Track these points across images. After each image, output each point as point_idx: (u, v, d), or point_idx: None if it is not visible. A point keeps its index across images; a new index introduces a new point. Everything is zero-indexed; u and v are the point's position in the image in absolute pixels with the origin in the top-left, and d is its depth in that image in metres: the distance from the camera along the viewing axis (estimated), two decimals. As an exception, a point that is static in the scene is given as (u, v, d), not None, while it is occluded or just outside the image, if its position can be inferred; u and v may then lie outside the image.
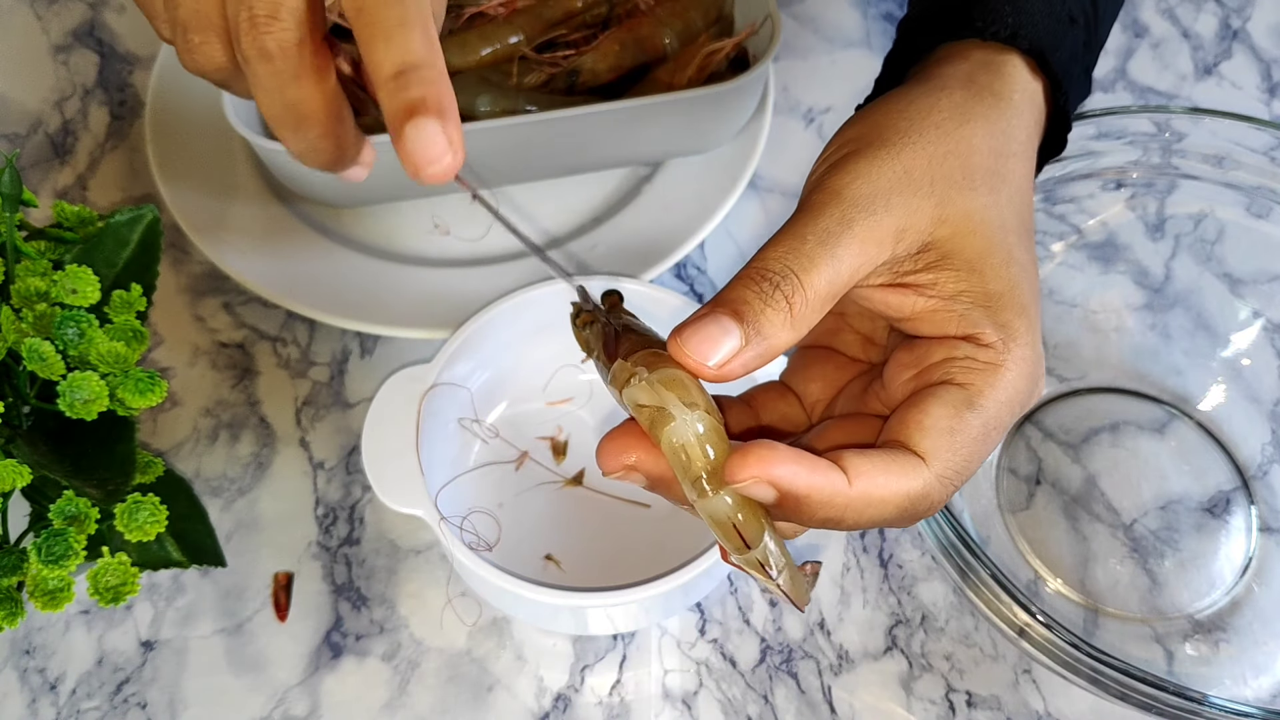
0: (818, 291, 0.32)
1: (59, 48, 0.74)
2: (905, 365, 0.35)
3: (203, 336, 0.63)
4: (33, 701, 0.53)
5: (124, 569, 0.43)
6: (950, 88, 0.38)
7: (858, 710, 0.53)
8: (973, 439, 0.33)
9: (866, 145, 0.35)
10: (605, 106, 0.59)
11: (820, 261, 0.32)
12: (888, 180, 0.34)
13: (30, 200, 0.46)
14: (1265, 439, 0.58)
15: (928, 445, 0.32)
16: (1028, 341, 0.34)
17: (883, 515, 0.32)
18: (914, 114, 0.36)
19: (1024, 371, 0.33)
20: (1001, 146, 0.37)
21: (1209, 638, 0.54)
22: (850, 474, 0.31)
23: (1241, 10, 0.76)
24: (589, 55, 0.64)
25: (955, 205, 0.34)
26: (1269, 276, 0.57)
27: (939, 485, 0.32)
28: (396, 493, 0.49)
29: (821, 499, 0.30)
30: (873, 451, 0.32)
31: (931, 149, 0.35)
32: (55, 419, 0.44)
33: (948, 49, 0.41)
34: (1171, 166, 0.56)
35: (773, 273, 0.32)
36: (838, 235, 0.33)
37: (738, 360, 0.31)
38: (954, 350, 0.34)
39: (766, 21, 0.62)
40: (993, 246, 0.34)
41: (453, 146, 0.29)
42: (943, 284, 0.34)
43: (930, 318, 0.34)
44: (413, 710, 0.53)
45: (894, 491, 0.31)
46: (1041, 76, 0.40)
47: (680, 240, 0.63)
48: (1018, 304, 0.34)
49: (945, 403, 0.33)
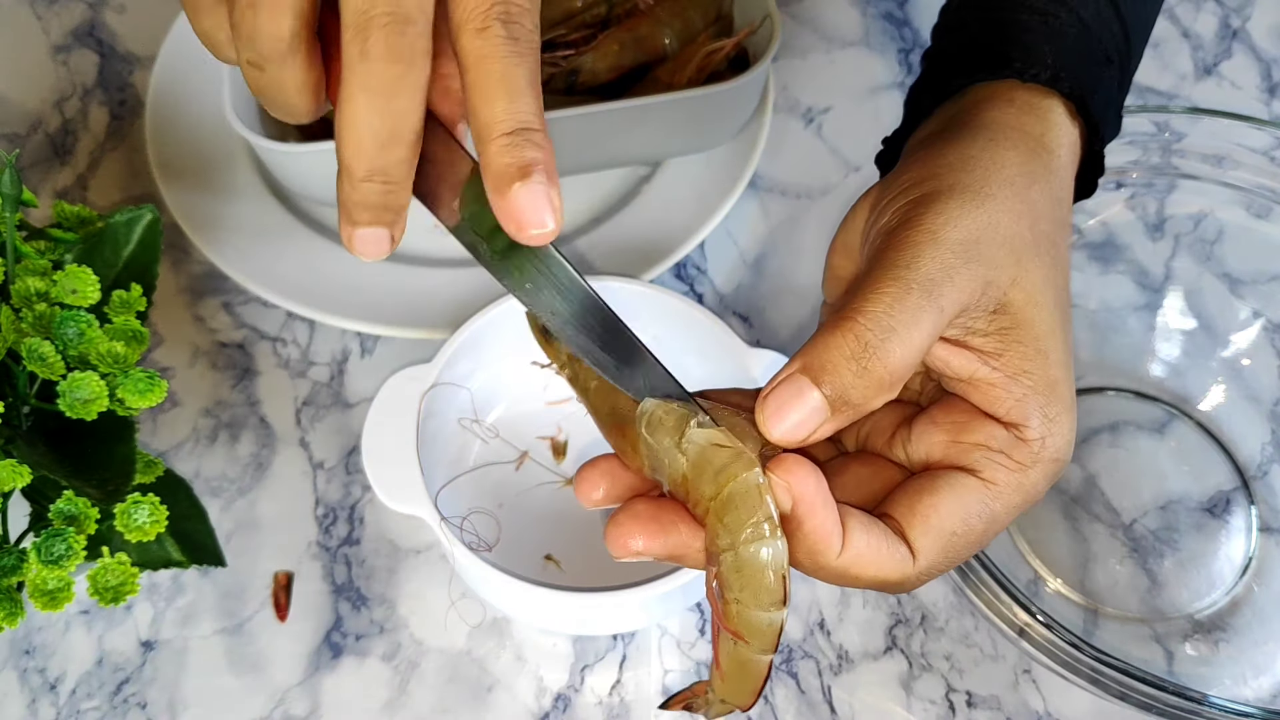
0: (920, 348, 0.31)
1: (59, 48, 0.74)
2: (940, 427, 0.34)
3: (203, 336, 0.63)
4: (33, 701, 0.53)
5: (124, 569, 0.43)
6: (1011, 140, 0.37)
7: (858, 710, 0.53)
8: (968, 543, 0.32)
9: (949, 188, 0.34)
10: (605, 106, 0.59)
11: (925, 315, 0.31)
12: (979, 228, 0.33)
13: (30, 200, 0.46)
14: (1265, 439, 0.58)
15: (925, 544, 0.32)
16: (1066, 440, 0.33)
17: (851, 584, 0.32)
18: (987, 165, 0.35)
19: (1048, 473, 0.33)
20: (1056, 213, 0.36)
21: (1209, 638, 0.54)
22: (845, 545, 0.31)
23: (1241, 10, 0.76)
24: (589, 55, 0.64)
25: (1029, 270, 0.33)
26: (1269, 276, 0.57)
27: (916, 578, 0.32)
28: (396, 493, 0.49)
29: (812, 547, 0.30)
30: (872, 526, 0.31)
31: (1009, 205, 0.34)
32: (55, 419, 0.44)
33: (986, 89, 0.39)
34: (1171, 166, 0.56)
35: (872, 335, 0.31)
36: (940, 284, 0.32)
37: (822, 431, 0.31)
38: (992, 438, 0.33)
39: (766, 21, 0.62)
40: (1055, 327, 0.34)
41: (556, 214, 0.28)
42: (1009, 358, 0.33)
43: (987, 390, 0.33)
44: (413, 710, 0.53)
45: (873, 575, 0.31)
46: (1079, 120, 0.39)
47: (680, 240, 0.63)
48: (1067, 397, 0.33)
49: (961, 503, 0.32)
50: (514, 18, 0.28)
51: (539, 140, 0.28)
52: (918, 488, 0.33)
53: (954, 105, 0.40)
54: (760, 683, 0.32)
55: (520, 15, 0.28)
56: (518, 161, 0.28)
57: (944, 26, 0.45)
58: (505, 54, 0.28)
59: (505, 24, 0.28)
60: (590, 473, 0.34)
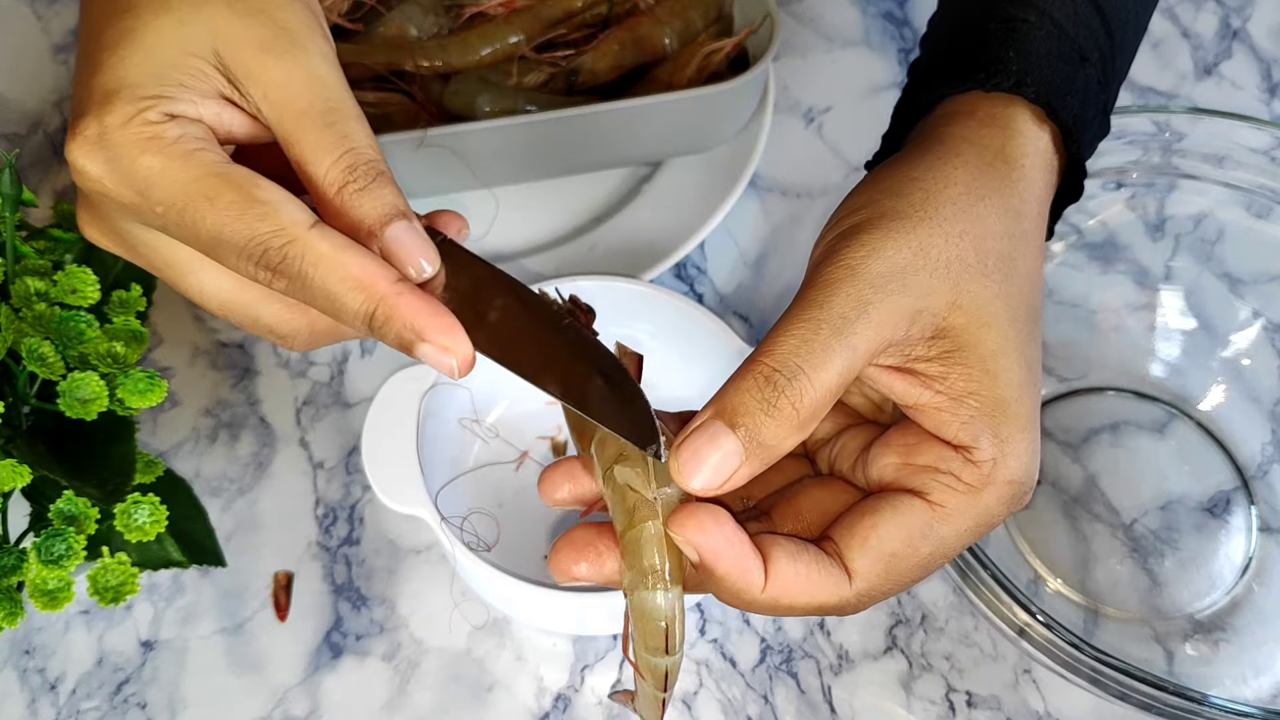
0: (828, 387, 0.31)
1: (59, 48, 0.74)
2: (893, 449, 0.33)
3: (203, 336, 0.63)
4: (33, 701, 0.53)
5: (124, 569, 0.43)
6: (963, 155, 0.36)
7: (858, 710, 0.53)
8: (912, 566, 0.32)
9: (880, 216, 0.34)
10: (605, 106, 0.59)
11: (834, 355, 0.31)
12: (904, 257, 0.32)
13: (30, 200, 0.46)
14: (1265, 439, 0.58)
15: (862, 566, 0.31)
16: (1023, 461, 0.32)
17: (789, 614, 0.32)
18: (929, 184, 0.35)
19: (1004, 496, 0.32)
20: (1013, 227, 0.35)
21: (1209, 638, 0.54)
22: (769, 575, 0.31)
23: (1241, 10, 0.76)
24: (589, 55, 0.64)
25: (970, 291, 0.33)
26: (1269, 276, 0.57)
27: (855, 601, 0.32)
28: (396, 493, 0.49)
29: (732, 588, 0.31)
30: (801, 553, 0.31)
31: (947, 227, 0.33)
32: (55, 419, 0.44)
33: (953, 103, 0.39)
34: (1171, 166, 0.56)
35: (779, 374, 0.31)
36: (853, 322, 0.31)
37: (740, 475, 0.31)
38: (942, 460, 0.32)
39: (766, 21, 0.62)
40: (1006, 345, 0.33)
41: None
42: (953, 381, 0.32)
43: (934, 414, 0.32)
44: (413, 710, 0.53)
45: (805, 602, 0.31)
46: (1051, 124, 0.38)
47: (680, 240, 0.63)
48: (1022, 416, 0.32)
49: (903, 525, 0.32)
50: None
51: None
52: (860, 509, 0.32)
53: (925, 122, 0.39)
54: (658, 713, 0.33)
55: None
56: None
57: (925, 39, 0.44)
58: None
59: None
60: (554, 473, 0.34)
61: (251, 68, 0.32)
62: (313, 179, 0.32)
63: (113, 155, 0.31)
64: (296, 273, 0.30)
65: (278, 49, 0.32)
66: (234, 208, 0.30)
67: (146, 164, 0.31)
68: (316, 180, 0.32)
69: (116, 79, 0.32)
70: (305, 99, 0.32)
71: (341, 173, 0.32)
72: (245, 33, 0.32)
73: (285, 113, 0.32)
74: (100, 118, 0.31)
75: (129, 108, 0.31)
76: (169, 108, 0.32)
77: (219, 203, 0.30)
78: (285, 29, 0.33)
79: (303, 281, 0.30)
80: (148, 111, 0.31)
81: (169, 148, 0.31)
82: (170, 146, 0.31)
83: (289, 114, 0.32)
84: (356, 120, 0.33)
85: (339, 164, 0.32)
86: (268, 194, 0.31)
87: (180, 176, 0.31)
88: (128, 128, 0.31)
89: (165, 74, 0.32)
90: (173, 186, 0.31)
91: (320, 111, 0.32)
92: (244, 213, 0.30)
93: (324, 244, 0.30)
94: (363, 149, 0.32)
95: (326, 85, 0.33)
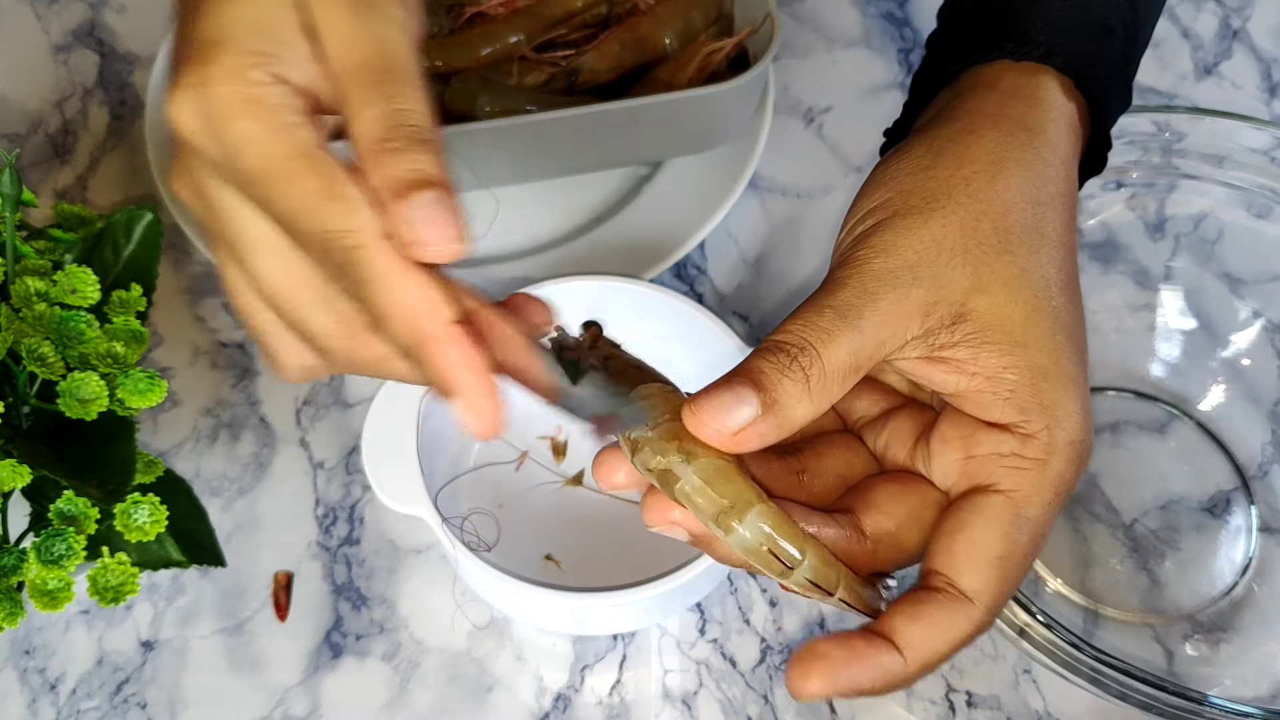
0: (837, 364, 0.31)
1: (59, 48, 0.74)
2: (952, 445, 0.34)
3: (203, 336, 0.63)
4: (33, 701, 0.53)
5: (124, 569, 0.43)
6: (980, 130, 0.36)
7: (858, 710, 0.53)
8: (1021, 558, 0.32)
9: (894, 214, 0.34)
10: (605, 106, 0.59)
11: (839, 335, 0.31)
12: (915, 252, 0.33)
13: (30, 200, 0.46)
14: (1265, 439, 0.58)
15: (977, 583, 0.32)
16: (1075, 421, 0.32)
17: (942, 661, 0.32)
18: (941, 171, 0.35)
19: (1071, 456, 0.32)
20: (1038, 194, 0.35)
21: (1209, 638, 0.54)
22: (904, 650, 0.31)
23: (1241, 10, 0.76)
24: (589, 55, 0.64)
25: (992, 273, 0.33)
26: (1269, 276, 0.57)
27: (987, 619, 0.32)
28: (396, 493, 0.49)
29: (885, 687, 0.31)
30: (922, 612, 0.31)
31: (962, 213, 0.33)
32: (55, 419, 0.44)
33: (977, 74, 0.39)
34: (1171, 166, 0.56)
35: (790, 345, 0.31)
36: (859, 309, 0.32)
37: (753, 430, 0.31)
38: (1000, 445, 0.32)
39: (766, 21, 0.62)
40: (1037, 313, 0.33)
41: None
42: (984, 360, 0.32)
43: (975, 398, 0.33)
44: (413, 710, 0.53)
45: (947, 646, 0.31)
46: (1078, 95, 0.38)
47: (680, 240, 0.63)
48: (1065, 376, 0.33)
49: (993, 525, 0.32)
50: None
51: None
52: (948, 530, 0.32)
53: (949, 93, 0.39)
54: (853, 608, 0.33)
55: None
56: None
57: (945, 8, 0.44)
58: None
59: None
60: (610, 456, 0.33)
61: (323, 19, 0.31)
62: (353, 135, 0.30)
63: (210, 110, 0.30)
64: (356, 278, 0.29)
65: (350, 4, 0.31)
66: (313, 194, 0.29)
67: (242, 128, 0.29)
68: (355, 136, 0.30)
69: (217, 27, 0.30)
70: (362, 55, 0.31)
71: (380, 129, 0.30)
72: None
73: (344, 67, 0.31)
74: (204, 67, 0.30)
75: (233, 60, 0.30)
76: (274, 68, 0.30)
77: (300, 185, 0.29)
78: None
79: (359, 288, 0.29)
80: (253, 70, 0.30)
81: (268, 115, 0.30)
82: (270, 115, 0.30)
83: (346, 68, 0.31)
84: (412, 86, 0.31)
85: (378, 120, 0.30)
86: (350, 190, 0.29)
87: (270, 150, 0.29)
88: (230, 83, 0.30)
89: (266, 25, 0.31)
90: (261, 158, 0.29)
91: (376, 69, 0.31)
92: (321, 203, 0.29)
93: (388, 262, 0.29)
94: (409, 112, 0.30)
95: (388, 46, 0.31)
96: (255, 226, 0.31)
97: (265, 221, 0.31)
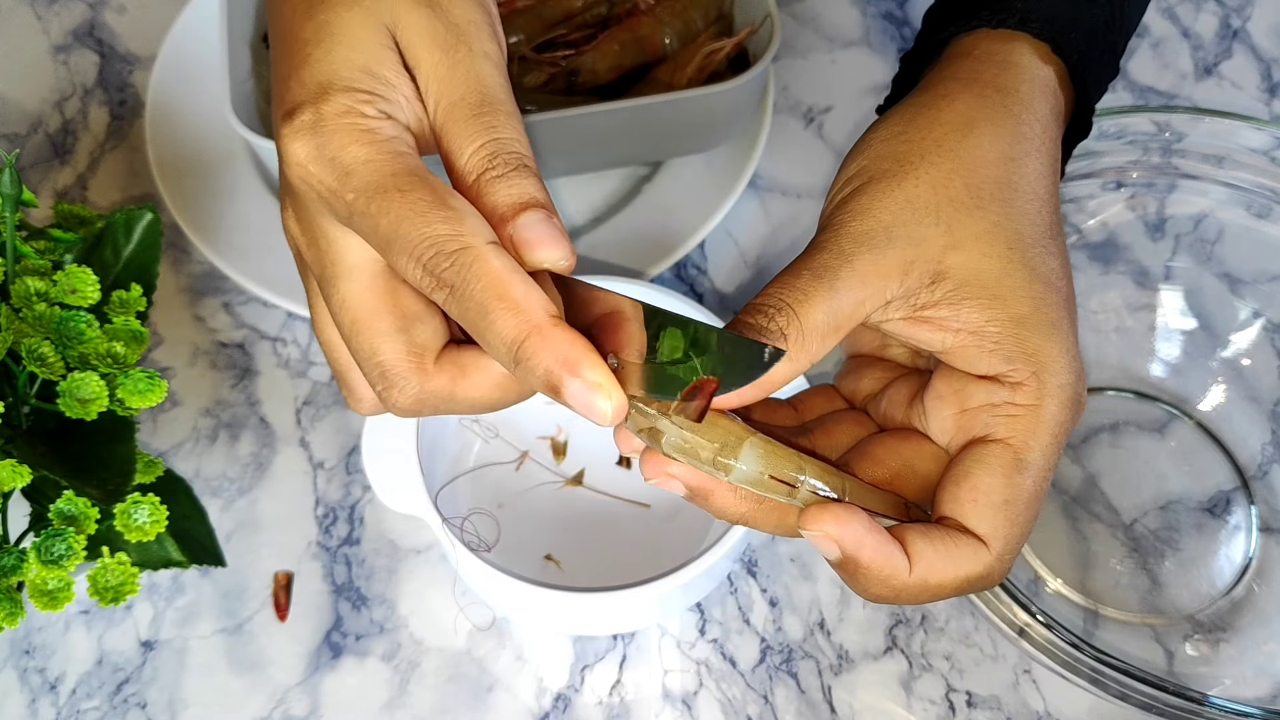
0: (814, 324, 0.32)
1: (59, 48, 0.74)
2: (945, 400, 0.34)
3: (203, 336, 0.63)
4: (33, 701, 0.53)
5: (124, 569, 0.43)
6: (953, 94, 0.37)
7: (858, 710, 0.53)
8: (1027, 502, 0.32)
9: (869, 180, 0.35)
10: (605, 106, 0.59)
11: (815, 295, 0.32)
12: (890, 213, 0.34)
13: (30, 200, 0.46)
14: (1265, 439, 0.58)
15: (987, 527, 0.32)
16: (1063, 364, 0.33)
17: (939, 596, 0.32)
18: (914, 135, 0.36)
19: (1064, 400, 0.33)
20: (1010, 149, 0.36)
21: (1209, 638, 0.54)
22: (912, 559, 0.31)
23: (1241, 10, 0.76)
24: (589, 55, 0.64)
25: (965, 229, 0.34)
26: (1269, 276, 0.57)
27: (999, 564, 0.32)
28: (396, 493, 0.49)
29: (879, 575, 0.31)
30: (937, 534, 0.32)
31: (934, 172, 0.34)
32: (55, 419, 0.44)
33: (958, 44, 0.40)
34: (1171, 166, 0.56)
35: (768, 306, 0.32)
36: (835, 269, 0.33)
37: (733, 392, 0.31)
38: (991, 395, 0.33)
39: (766, 21, 0.62)
40: (1011, 265, 0.34)
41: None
42: (966, 316, 0.33)
43: (962, 354, 0.33)
44: (413, 710, 0.53)
45: (954, 577, 0.32)
46: (1056, 60, 0.39)
47: (680, 240, 0.63)
48: (1046, 322, 0.33)
49: (995, 471, 0.32)
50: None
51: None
52: (953, 479, 0.33)
53: (931, 66, 0.41)
54: (868, 508, 0.32)
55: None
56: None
57: None
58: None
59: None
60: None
61: (421, 58, 0.33)
62: (455, 169, 0.32)
63: (323, 141, 0.31)
64: (459, 282, 0.30)
65: (446, 44, 0.33)
66: (423, 204, 0.30)
67: (354, 152, 0.31)
68: (458, 169, 0.32)
69: (327, 71, 0.32)
70: (459, 92, 0.33)
71: (482, 160, 0.32)
72: (420, 24, 0.33)
73: (440, 104, 0.33)
74: (317, 107, 0.32)
75: (345, 98, 0.32)
76: (384, 106, 0.32)
77: (410, 196, 0.30)
78: (455, 25, 0.33)
79: (463, 293, 0.30)
80: (365, 106, 0.32)
81: (380, 143, 0.31)
82: (382, 143, 0.31)
83: (443, 105, 0.33)
84: (508, 116, 0.33)
85: (480, 151, 0.32)
86: (458, 202, 0.31)
87: (383, 168, 0.31)
88: (344, 117, 0.32)
89: (372, 67, 0.33)
90: (372, 175, 0.31)
91: (473, 104, 0.32)
92: (430, 210, 0.30)
93: (496, 261, 0.30)
94: (508, 140, 0.32)
95: (483, 81, 0.33)
96: (351, 253, 0.32)
97: (362, 249, 0.32)
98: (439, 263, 0.30)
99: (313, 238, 0.33)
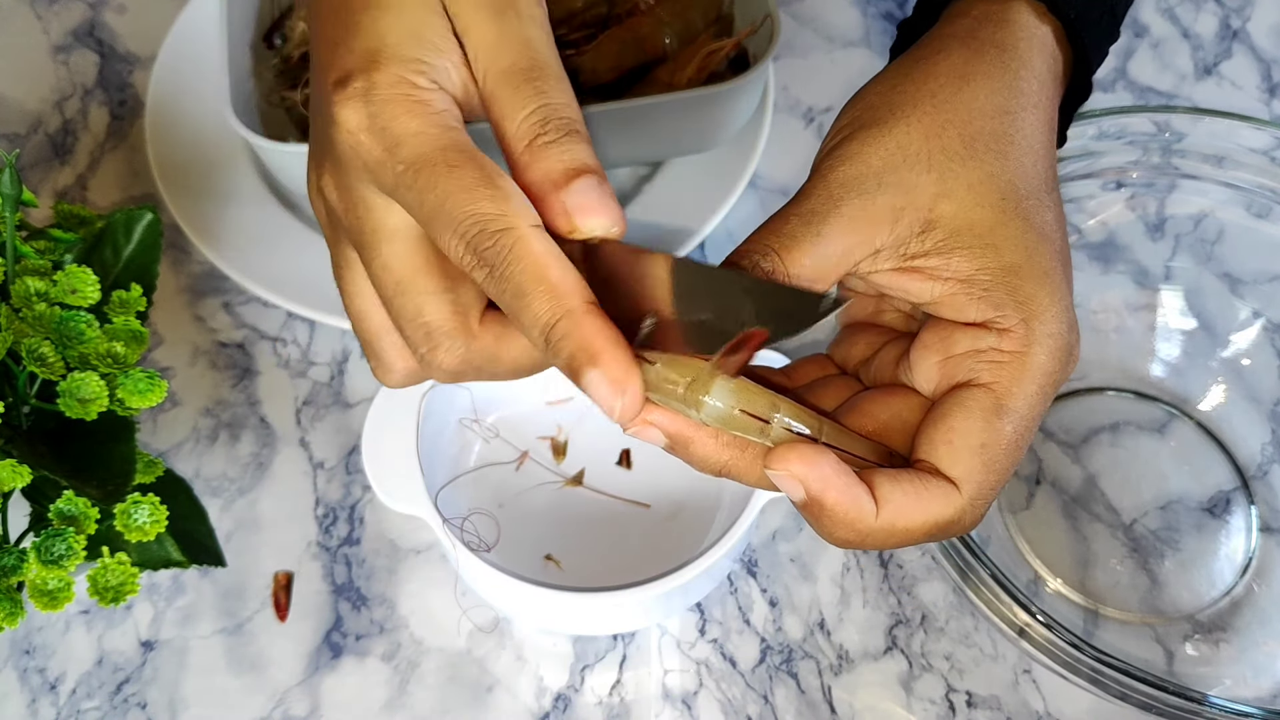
0: (801, 270, 0.32)
1: (59, 48, 0.74)
2: (931, 349, 0.34)
3: (203, 336, 0.63)
4: (33, 701, 0.53)
5: (124, 569, 0.43)
6: (948, 50, 0.37)
7: (858, 710, 0.53)
8: (1005, 449, 0.32)
9: (860, 127, 0.35)
10: (605, 106, 0.59)
11: (802, 240, 0.32)
12: (880, 159, 0.33)
13: (30, 200, 0.46)
14: (1265, 439, 0.58)
15: (960, 470, 0.32)
16: (1054, 314, 0.33)
17: (908, 541, 0.31)
18: (908, 87, 0.35)
19: (1052, 349, 0.32)
20: (1006, 103, 0.35)
21: (1209, 638, 0.54)
22: (879, 502, 0.30)
23: (1241, 10, 0.76)
24: (589, 55, 0.64)
25: (957, 178, 0.33)
26: (1269, 276, 0.57)
27: (971, 509, 0.32)
28: (396, 493, 0.49)
29: (845, 518, 0.30)
30: (905, 477, 0.31)
31: (928, 121, 0.34)
32: (55, 419, 0.44)
33: (955, 8, 0.40)
34: (1171, 166, 0.56)
35: (753, 251, 0.32)
36: (823, 215, 0.32)
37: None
38: (978, 341, 0.33)
39: (766, 21, 0.62)
40: (1005, 215, 0.33)
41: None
42: (956, 265, 0.33)
43: (950, 302, 0.33)
44: (413, 710, 0.53)
45: (922, 521, 0.31)
46: (1053, 20, 0.38)
47: (680, 240, 0.63)
48: (1039, 271, 0.33)
49: (973, 414, 0.32)
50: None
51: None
52: (930, 420, 0.33)
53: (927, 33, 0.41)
54: (846, 449, 0.32)
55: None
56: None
57: None
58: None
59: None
60: None
61: (469, 24, 0.32)
62: (505, 135, 0.32)
63: (376, 110, 0.31)
64: (500, 263, 0.29)
65: (493, 8, 0.32)
66: (470, 181, 0.30)
67: (406, 124, 0.31)
68: (509, 136, 0.32)
69: (377, 38, 0.32)
70: (509, 58, 0.32)
71: (533, 126, 0.31)
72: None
73: (490, 70, 0.32)
74: (370, 75, 0.31)
75: (397, 68, 0.31)
76: (435, 75, 0.32)
77: (458, 173, 0.30)
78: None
79: (501, 273, 0.30)
80: (417, 76, 0.31)
81: (432, 115, 0.31)
82: (433, 115, 0.31)
83: (493, 72, 0.32)
84: (558, 80, 0.32)
85: (531, 117, 0.31)
86: (504, 182, 0.30)
87: (433, 142, 0.31)
88: (396, 87, 0.31)
89: (422, 34, 0.32)
90: (422, 148, 0.30)
91: (522, 69, 0.32)
92: (476, 188, 0.30)
93: (537, 244, 0.29)
94: (559, 106, 0.32)
95: (532, 46, 0.32)
96: (394, 217, 0.32)
97: (404, 214, 0.32)
98: (482, 241, 0.29)
99: (352, 203, 0.33)
